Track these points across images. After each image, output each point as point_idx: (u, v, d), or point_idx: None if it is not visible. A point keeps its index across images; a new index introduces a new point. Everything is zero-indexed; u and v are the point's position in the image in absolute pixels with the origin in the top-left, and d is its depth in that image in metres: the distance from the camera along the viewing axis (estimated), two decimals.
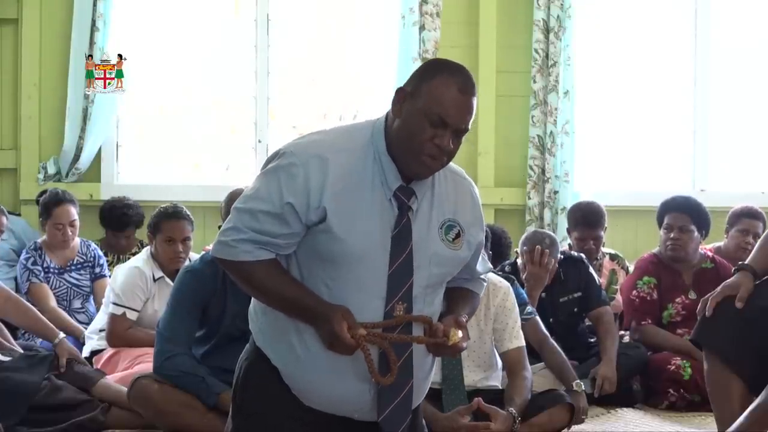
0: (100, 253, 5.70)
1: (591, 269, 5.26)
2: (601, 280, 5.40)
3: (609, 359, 4.91)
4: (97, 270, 5.61)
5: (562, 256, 5.18)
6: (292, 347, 2.57)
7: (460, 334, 2.53)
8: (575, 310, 5.18)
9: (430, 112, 2.49)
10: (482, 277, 2.82)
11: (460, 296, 2.73)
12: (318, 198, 2.47)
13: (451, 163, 2.67)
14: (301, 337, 2.55)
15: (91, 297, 5.60)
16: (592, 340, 5.21)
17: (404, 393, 2.57)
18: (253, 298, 2.71)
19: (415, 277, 2.55)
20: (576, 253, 5.31)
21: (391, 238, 2.52)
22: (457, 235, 2.61)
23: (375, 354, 2.52)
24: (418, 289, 2.56)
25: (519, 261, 5.07)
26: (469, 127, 2.55)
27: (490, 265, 2.88)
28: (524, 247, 5.03)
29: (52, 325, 4.86)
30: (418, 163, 2.52)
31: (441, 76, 2.52)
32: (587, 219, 5.57)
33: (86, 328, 5.18)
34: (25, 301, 5.04)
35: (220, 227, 4.21)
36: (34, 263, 5.48)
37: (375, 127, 2.59)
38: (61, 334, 4.78)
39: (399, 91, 2.56)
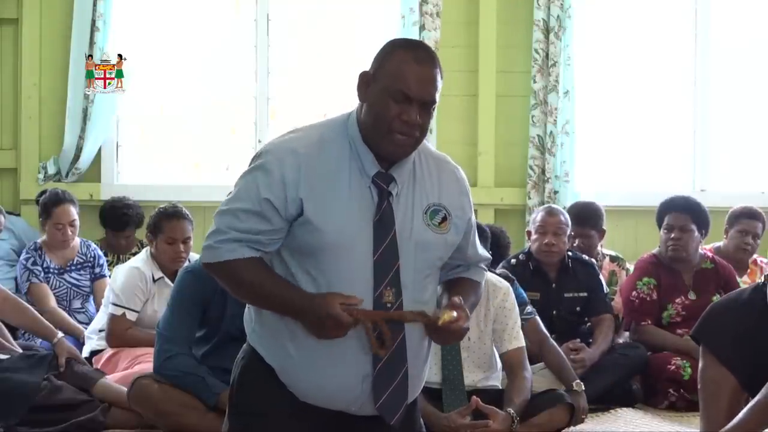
0: (100, 253, 5.70)
1: (600, 276, 5.31)
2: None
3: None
4: (97, 270, 5.61)
5: (571, 253, 5.23)
6: (284, 345, 2.58)
7: (454, 314, 2.53)
8: (578, 309, 5.21)
9: (392, 89, 2.51)
10: (481, 265, 2.81)
11: (460, 286, 2.73)
12: (294, 190, 2.50)
13: (433, 149, 2.72)
14: (293, 335, 2.57)
15: (91, 297, 5.60)
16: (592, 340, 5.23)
17: (399, 379, 2.58)
18: None
19: (402, 261, 2.55)
20: (587, 257, 5.35)
21: (373, 225, 2.54)
22: (444, 219, 2.62)
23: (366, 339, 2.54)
24: (407, 274, 2.57)
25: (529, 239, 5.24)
26: (436, 99, 2.56)
27: (488, 254, 2.86)
28: (536, 216, 5.21)
29: (50, 324, 4.86)
30: (389, 142, 2.53)
31: (398, 52, 2.56)
32: (577, 216, 5.57)
33: (86, 328, 5.19)
34: (23, 301, 5.04)
35: None
36: (34, 263, 5.48)
37: (349, 118, 2.62)
38: (60, 334, 4.78)
39: (362, 75, 2.60)
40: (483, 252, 2.82)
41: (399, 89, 2.51)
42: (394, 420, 2.59)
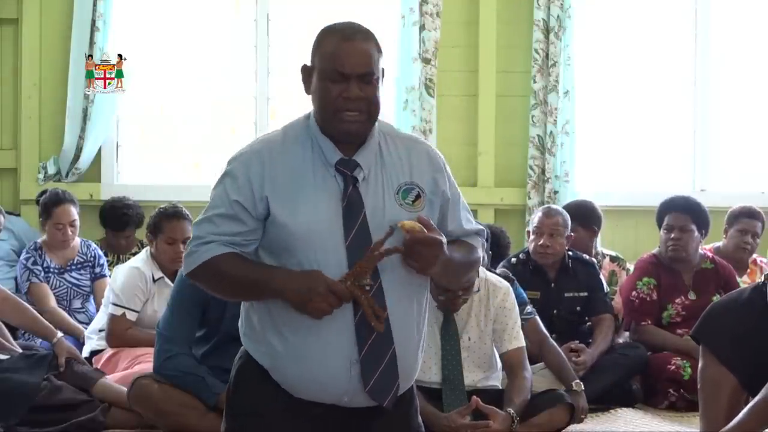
0: (100, 253, 5.70)
1: (601, 275, 5.31)
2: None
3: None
4: (97, 270, 5.61)
5: (571, 253, 5.23)
6: (270, 342, 2.61)
7: (417, 225, 2.51)
8: (578, 309, 5.21)
9: (327, 71, 2.57)
10: (475, 236, 2.77)
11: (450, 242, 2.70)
12: (260, 189, 2.57)
13: (403, 132, 2.75)
14: (278, 330, 2.60)
15: (91, 297, 5.60)
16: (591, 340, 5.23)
17: (387, 360, 2.58)
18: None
19: (376, 244, 2.55)
20: (587, 257, 5.35)
21: (342, 211, 2.56)
22: (417, 197, 2.63)
23: (350, 319, 2.54)
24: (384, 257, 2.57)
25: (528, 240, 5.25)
26: (374, 70, 2.58)
27: (479, 226, 2.81)
28: (534, 216, 5.24)
29: (50, 324, 4.86)
30: (339, 121, 2.57)
31: (328, 36, 2.63)
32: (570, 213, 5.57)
33: (86, 328, 5.19)
34: (22, 301, 5.03)
35: None
36: (34, 263, 5.48)
37: (310, 116, 2.66)
38: (59, 334, 4.78)
39: (302, 69, 2.66)
40: (471, 225, 2.77)
41: (333, 69, 2.56)
42: (387, 402, 2.59)
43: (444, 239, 2.56)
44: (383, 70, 2.64)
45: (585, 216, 5.64)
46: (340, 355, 2.56)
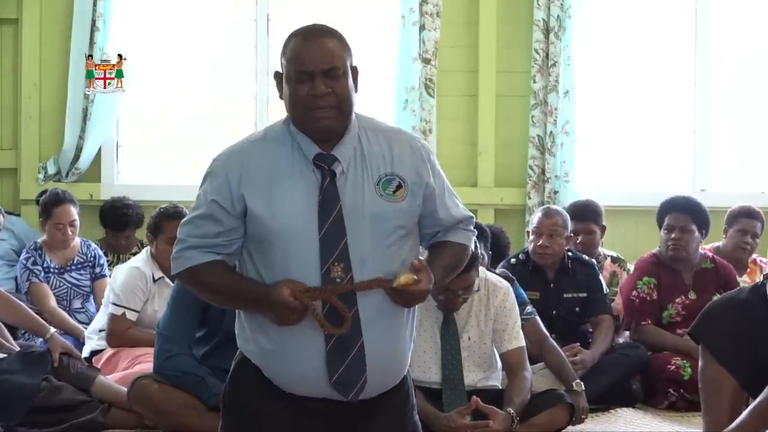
0: (101, 252, 5.71)
1: (600, 276, 5.31)
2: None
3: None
4: (97, 270, 5.61)
5: (571, 253, 5.23)
6: (259, 340, 2.65)
7: (413, 276, 2.55)
8: (577, 309, 5.21)
9: (292, 73, 2.62)
10: (463, 226, 2.78)
11: (437, 248, 2.75)
12: (237, 187, 2.60)
13: (386, 124, 2.77)
14: (263, 328, 2.63)
15: (91, 297, 5.60)
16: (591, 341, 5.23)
17: (354, 354, 2.58)
18: None
19: (353, 237, 2.57)
20: (587, 257, 5.35)
21: (317, 204, 2.58)
22: (398, 187, 2.64)
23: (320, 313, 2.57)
24: (364, 248, 2.58)
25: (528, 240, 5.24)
26: (337, 64, 2.60)
27: (468, 213, 2.81)
28: (533, 217, 5.25)
29: (43, 321, 4.85)
30: (312, 120, 2.60)
31: (291, 40, 2.66)
32: (576, 212, 5.58)
33: (86, 328, 5.19)
34: (15, 299, 4.99)
35: None
36: (34, 263, 5.49)
37: (288, 119, 2.71)
38: (53, 329, 4.77)
39: (275, 76, 2.72)
40: (459, 213, 2.77)
41: (297, 70, 2.60)
42: (351, 396, 2.60)
43: (432, 279, 2.60)
44: (354, 66, 2.67)
45: (596, 214, 5.65)
46: (317, 350, 2.58)
